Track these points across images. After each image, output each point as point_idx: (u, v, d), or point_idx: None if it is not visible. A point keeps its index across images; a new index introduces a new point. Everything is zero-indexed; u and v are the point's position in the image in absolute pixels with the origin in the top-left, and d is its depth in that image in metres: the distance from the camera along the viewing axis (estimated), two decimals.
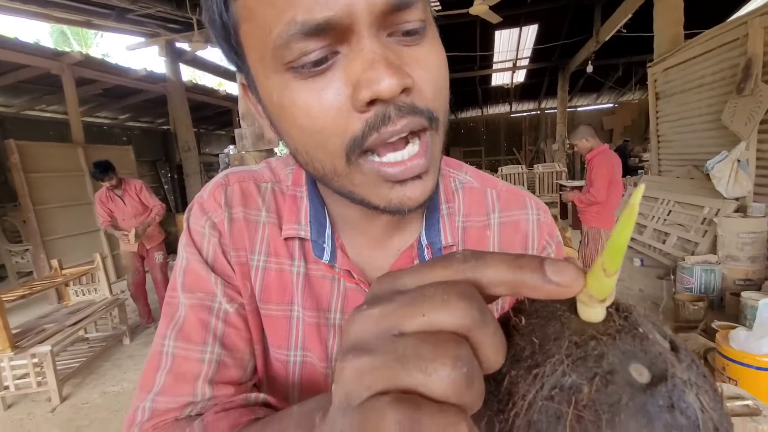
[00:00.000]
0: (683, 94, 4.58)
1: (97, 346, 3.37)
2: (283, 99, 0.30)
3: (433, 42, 0.31)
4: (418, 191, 0.31)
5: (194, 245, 0.42)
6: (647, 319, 0.18)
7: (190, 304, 0.40)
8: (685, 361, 0.17)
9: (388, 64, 0.27)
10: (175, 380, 0.38)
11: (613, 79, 10.94)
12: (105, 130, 8.76)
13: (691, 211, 4.28)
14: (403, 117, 0.29)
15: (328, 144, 0.30)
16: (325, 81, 0.29)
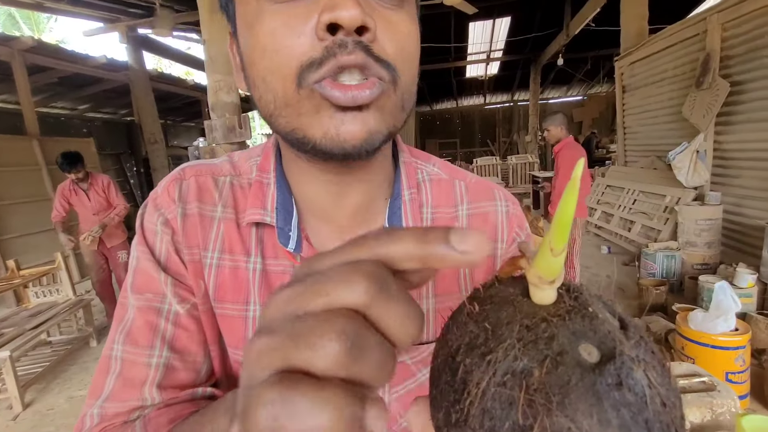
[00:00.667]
0: (647, 88, 4.76)
1: (61, 349, 3.22)
2: (254, 22, 0.31)
3: (408, 15, 0.33)
4: (357, 125, 0.31)
5: (146, 243, 0.41)
6: (598, 299, 0.18)
7: (138, 306, 0.39)
8: (634, 338, 0.17)
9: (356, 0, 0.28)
10: (123, 385, 0.37)
11: (583, 72, 11.24)
12: (63, 122, 8.25)
13: (654, 200, 4.49)
14: (360, 52, 0.29)
15: (284, 66, 0.30)
16: (295, 6, 0.30)
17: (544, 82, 12.36)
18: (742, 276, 2.65)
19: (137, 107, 7.15)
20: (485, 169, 10.58)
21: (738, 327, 2.09)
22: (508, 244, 0.46)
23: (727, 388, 1.58)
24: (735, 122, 3.43)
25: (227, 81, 2.54)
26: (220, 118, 2.46)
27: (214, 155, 2.66)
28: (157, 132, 7.06)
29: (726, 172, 3.60)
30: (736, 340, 2.00)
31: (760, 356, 2.25)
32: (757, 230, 3.04)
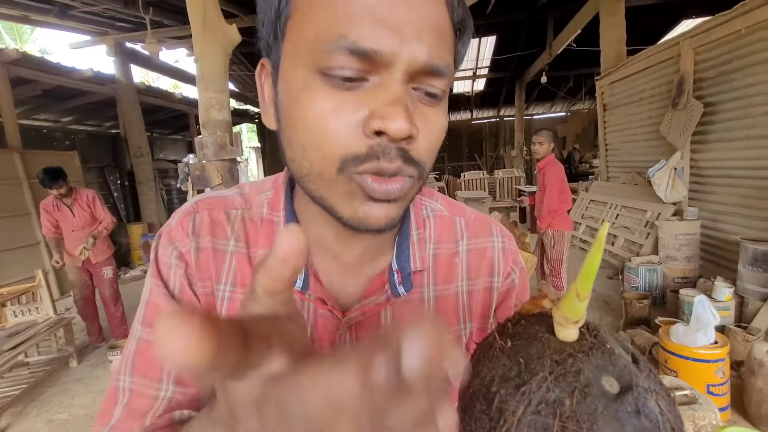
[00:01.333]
0: (627, 106, 4.95)
1: (39, 370, 3.10)
2: (301, 94, 0.32)
3: (443, 111, 0.35)
4: (383, 212, 0.33)
5: (160, 277, 0.42)
6: (612, 336, 0.21)
7: (147, 339, 0.40)
8: (645, 371, 0.20)
9: (406, 110, 0.30)
10: (128, 415, 0.38)
11: (565, 89, 11.61)
12: (45, 134, 8.09)
13: (635, 214, 4.63)
14: (399, 160, 0.32)
15: (328, 150, 0.32)
16: (348, 96, 0.31)
17: (528, 99, 12.70)
18: (720, 290, 2.74)
19: (124, 120, 7.08)
20: (473, 182, 10.73)
21: (717, 340, 2.16)
22: (503, 277, 0.48)
23: (708, 401, 1.63)
24: (709, 141, 3.59)
25: (219, 98, 2.56)
26: (211, 135, 2.47)
27: (204, 171, 2.66)
28: (144, 145, 6.99)
29: (702, 189, 3.75)
30: (716, 353, 2.06)
31: (739, 368, 2.32)
32: (733, 245, 3.16)
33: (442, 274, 0.45)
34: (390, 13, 0.29)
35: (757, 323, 2.61)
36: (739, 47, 3.15)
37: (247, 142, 16.98)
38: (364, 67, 0.30)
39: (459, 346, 0.16)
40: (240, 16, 5.89)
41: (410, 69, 0.31)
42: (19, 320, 3.17)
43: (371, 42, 0.29)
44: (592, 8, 5.78)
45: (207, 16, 2.55)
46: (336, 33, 0.29)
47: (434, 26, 0.31)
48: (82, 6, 5.31)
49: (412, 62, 0.30)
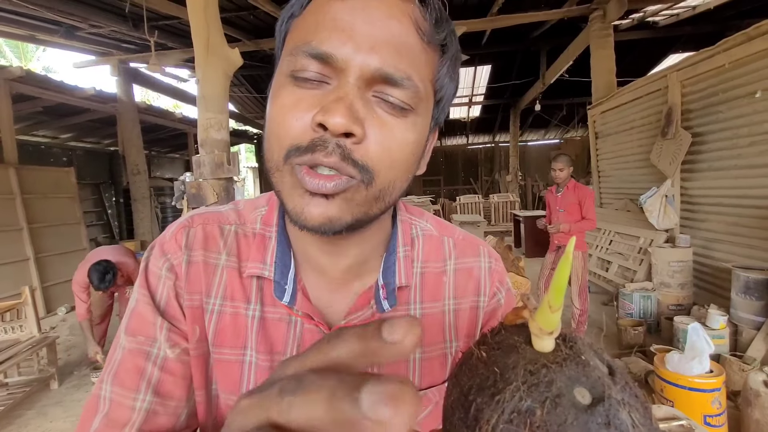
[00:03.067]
0: (618, 135, 5.07)
1: (18, 392, 2.98)
2: (276, 93, 0.36)
3: (412, 125, 0.36)
4: (319, 210, 0.34)
5: (147, 287, 0.42)
6: (590, 347, 0.21)
7: (129, 348, 0.40)
8: (620, 383, 0.20)
9: (347, 108, 0.32)
10: (107, 425, 0.38)
11: (558, 117, 11.90)
12: (42, 150, 8.11)
13: (628, 241, 4.66)
14: (336, 156, 0.33)
15: (281, 139, 0.34)
16: (308, 94, 0.34)
17: (523, 126, 12.98)
18: (714, 317, 2.74)
19: (123, 138, 7.12)
20: (468, 206, 10.81)
21: (713, 369, 2.14)
22: (489, 297, 0.49)
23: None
24: (699, 170, 3.67)
25: (219, 119, 2.60)
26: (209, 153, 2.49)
27: (200, 190, 2.66)
28: (141, 163, 7.02)
29: (694, 216, 3.80)
30: (711, 382, 2.03)
31: (736, 398, 2.29)
32: (725, 272, 3.17)
33: (429, 292, 0.46)
34: (350, 24, 0.33)
35: (752, 352, 2.59)
36: (723, 81, 3.28)
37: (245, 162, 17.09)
38: (323, 71, 0.34)
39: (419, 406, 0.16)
40: (243, 41, 6.06)
41: (363, 75, 0.33)
42: (1, 339, 3.08)
43: (328, 46, 0.33)
44: (583, 41, 6.01)
45: (210, 39, 2.63)
46: (304, 40, 0.34)
47: (393, 40, 0.33)
48: (89, 27, 5.44)
49: (364, 68, 0.33)
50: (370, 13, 0.33)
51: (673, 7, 6.13)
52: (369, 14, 0.33)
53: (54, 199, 5.68)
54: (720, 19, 6.40)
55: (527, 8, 5.76)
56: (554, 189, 3.61)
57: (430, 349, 0.45)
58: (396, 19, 0.34)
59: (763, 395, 1.96)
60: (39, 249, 5.15)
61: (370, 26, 0.33)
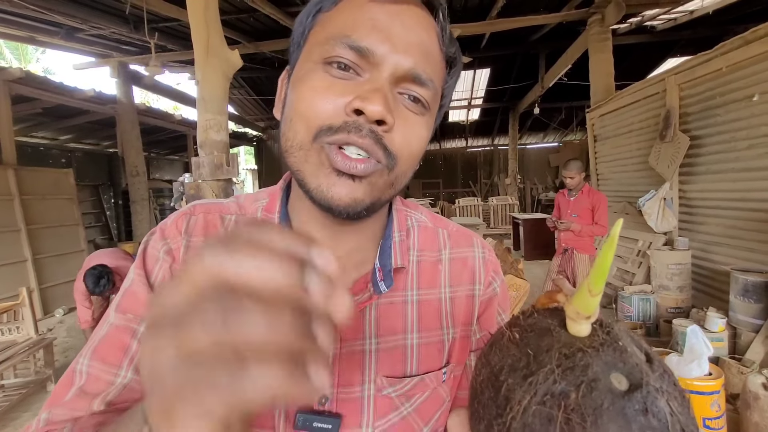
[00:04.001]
0: (617, 138, 5.08)
1: (14, 393, 2.97)
2: (304, 75, 0.38)
3: (426, 123, 0.40)
4: (344, 191, 0.36)
5: (144, 267, 0.43)
6: (627, 334, 0.21)
7: (117, 324, 0.40)
8: (658, 371, 0.20)
9: (384, 98, 0.35)
10: (78, 396, 0.38)
11: (557, 120, 11.94)
12: (41, 151, 8.11)
13: (627, 243, 4.66)
14: (370, 139, 0.36)
15: (309, 120, 0.36)
16: (340, 83, 0.37)
17: (522, 129, 13.02)
18: (713, 320, 2.74)
19: (122, 140, 7.12)
20: (467, 209, 10.81)
21: (712, 371, 2.14)
22: (485, 286, 0.50)
23: None
24: (697, 173, 3.68)
25: (218, 120, 2.60)
26: (208, 155, 2.49)
27: (199, 191, 2.66)
28: (140, 165, 7.01)
29: (692, 219, 3.81)
30: (710, 385, 2.03)
31: (735, 401, 2.28)
32: (724, 275, 3.18)
33: (425, 279, 0.47)
34: (388, 26, 0.36)
35: (750, 355, 2.59)
36: (720, 84, 3.29)
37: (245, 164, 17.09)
38: (359, 62, 0.36)
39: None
40: (243, 43, 6.07)
41: (396, 73, 0.36)
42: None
43: (367, 42, 0.36)
44: (581, 45, 6.04)
45: (210, 41, 2.63)
46: (342, 33, 0.36)
47: (423, 46, 0.38)
48: (89, 29, 5.45)
49: (398, 67, 0.36)
50: (405, 20, 0.37)
51: (671, 12, 6.17)
52: (404, 20, 0.37)
53: (52, 201, 5.66)
54: (718, 24, 6.44)
55: (526, 12, 5.79)
56: (566, 192, 3.60)
57: (427, 335, 0.45)
58: (425, 30, 0.38)
59: (762, 398, 1.96)
60: (37, 250, 5.13)
61: (406, 31, 0.37)
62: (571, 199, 3.52)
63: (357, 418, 0.41)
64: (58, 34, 5.56)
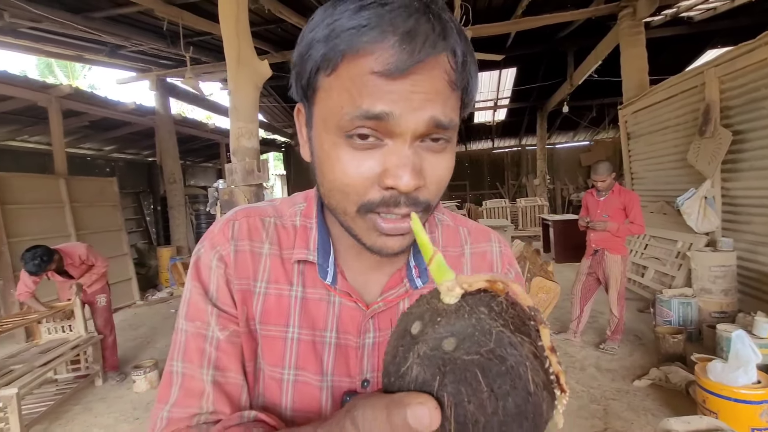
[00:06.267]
0: (652, 135, 4.88)
1: (66, 388, 3.19)
2: (330, 152, 0.40)
3: (451, 152, 0.42)
4: (397, 244, 0.42)
5: (199, 279, 0.48)
6: (486, 307, 0.25)
7: (190, 331, 0.47)
8: (505, 341, 0.24)
9: (413, 170, 0.37)
10: (185, 395, 0.45)
11: (588, 119, 11.56)
12: (88, 162, 8.67)
13: (666, 245, 4.46)
14: (407, 206, 0.39)
15: (350, 196, 0.40)
16: (367, 156, 0.38)
17: (551, 128, 12.70)
18: (761, 325, 2.58)
19: (160, 149, 7.51)
20: (494, 211, 10.65)
21: (760, 379, 2.02)
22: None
23: None
24: (741, 169, 3.48)
25: (249, 128, 2.71)
26: (240, 161, 2.60)
27: (232, 196, 2.78)
28: (177, 172, 7.36)
29: (737, 218, 3.60)
30: (759, 394, 1.92)
31: None
32: None
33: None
34: (396, 90, 0.36)
35: None
36: (765, 76, 3.11)
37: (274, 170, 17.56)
38: (377, 127, 0.37)
39: None
40: (271, 53, 6.28)
41: (417, 131, 0.37)
42: (51, 337, 3.30)
43: (381, 107, 0.36)
44: (612, 40, 5.85)
45: (241, 53, 2.75)
46: (355, 106, 0.36)
47: (436, 95, 0.37)
48: (131, 46, 5.80)
49: (417, 124, 0.37)
50: (417, 81, 0.36)
51: (709, 1, 5.87)
52: (416, 83, 0.36)
53: (98, 207, 6.05)
54: (760, 11, 6.06)
55: (552, 9, 5.67)
56: (595, 192, 3.49)
57: None
58: (436, 78, 0.37)
59: None
60: None
61: (416, 86, 0.36)
62: (601, 199, 3.40)
63: None
64: (103, 52, 5.96)
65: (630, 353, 3.38)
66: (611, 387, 2.87)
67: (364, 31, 0.35)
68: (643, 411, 2.54)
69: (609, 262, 3.32)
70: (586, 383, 2.95)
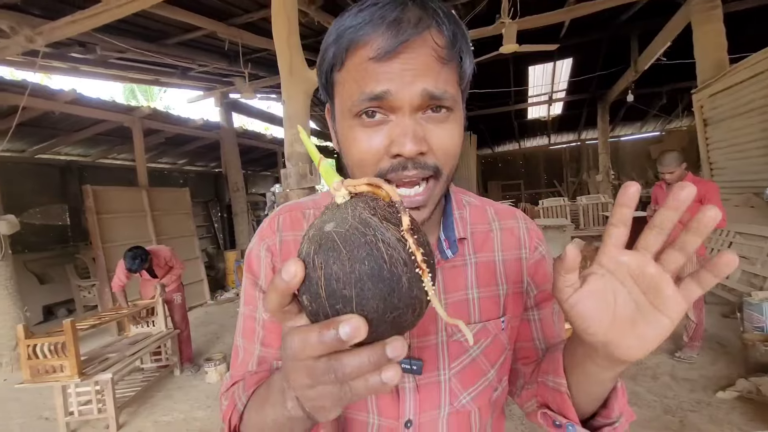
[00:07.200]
0: (733, 120, 4.37)
1: (151, 376, 3.57)
2: (348, 134, 0.47)
3: (454, 123, 0.47)
4: (414, 216, 0.45)
5: (250, 269, 0.57)
6: (364, 203, 0.30)
7: (245, 314, 0.57)
8: (376, 228, 0.29)
9: (414, 136, 0.43)
10: (241, 363, 0.56)
11: (658, 107, 10.58)
12: (165, 174, 9.62)
13: (754, 242, 3.96)
14: (415, 169, 0.44)
15: (365, 168, 0.46)
16: (376, 131, 0.45)
17: (614, 120, 11.81)
18: None
19: (225, 160, 8.14)
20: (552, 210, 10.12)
21: None
22: (531, 250, 0.60)
23: None
24: None
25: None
26: (294, 166, 2.76)
27: (288, 199, 2.95)
28: (240, 181, 7.92)
29: None
30: None
31: None
32: None
33: (480, 245, 0.58)
34: (390, 70, 0.42)
35: None
36: None
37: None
38: (381, 105, 0.43)
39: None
40: None
41: (413, 103, 0.43)
42: (138, 331, 3.71)
43: (380, 86, 0.42)
44: (682, 19, 5.33)
45: (293, 64, 2.92)
46: (360, 91, 0.43)
47: (426, 70, 0.43)
48: (198, 67, 6.38)
49: (413, 97, 0.43)
50: (406, 59, 0.42)
51: None
52: (405, 61, 0.42)
53: (174, 216, 6.70)
54: None
55: None
56: (664, 184, 3.21)
57: (485, 290, 0.55)
58: (423, 56, 0.42)
59: None
60: None
61: (409, 67, 0.42)
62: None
63: (435, 361, 0.52)
64: (175, 74, 6.60)
65: (712, 362, 3.05)
66: (689, 398, 2.61)
67: (360, 26, 0.42)
68: (728, 425, 2.29)
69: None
70: (659, 393, 2.71)
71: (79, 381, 2.71)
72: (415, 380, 0.51)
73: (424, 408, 0.51)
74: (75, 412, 2.84)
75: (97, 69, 5.79)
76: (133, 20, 4.40)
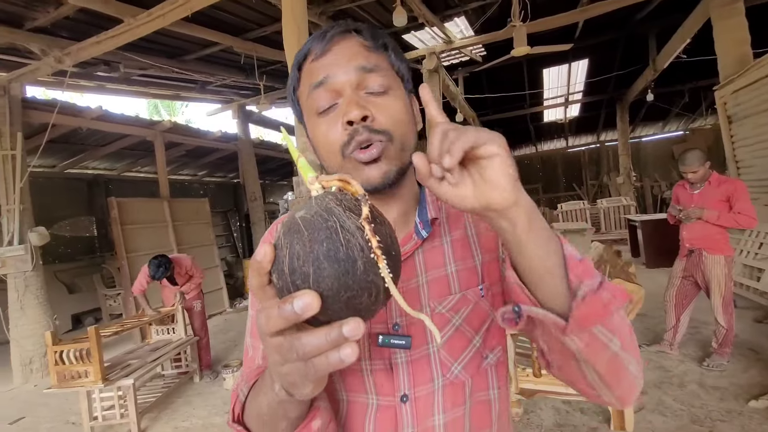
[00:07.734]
0: (759, 116, 4.20)
1: (171, 382, 3.64)
2: (315, 129, 0.55)
3: (395, 97, 0.54)
4: (375, 172, 0.52)
5: None
6: (333, 196, 0.33)
7: (253, 315, 0.61)
8: (340, 218, 0.32)
9: (355, 103, 0.50)
10: (249, 363, 0.59)
11: (680, 105, 10.28)
12: (186, 186, 9.91)
13: None
14: (367, 133, 0.51)
15: (332, 149, 0.53)
16: (332, 118, 0.52)
17: (634, 120, 11.53)
18: None
19: (242, 171, 8.32)
20: (571, 214, 9.91)
21: None
22: None
23: None
24: None
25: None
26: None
27: None
28: (257, 191, 8.08)
29: None
30: None
31: None
32: None
33: (454, 224, 0.62)
34: (326, 62, 0.53)
35: None
36: None
37: None
38: (329, 93, 0.52)
39: None
40: None
41: (351, 82, 0.52)
42: (159, 338, 3.80)
43: (322, 76, 0.52)
44: (701, 15, 5.20)
45: None
46: (308, 86, 0.54)
47: (355, 54, 0.53)
48: (216, 81, 6.58)
49: (349, 75, 0.52)
50: (336, 51, 0.53)
51: None
52: (336, 52, 0.53)
53: (194, 225, 6.87)
54: None
55: None
56: (687, 184, 3.07)
57: (462, 263, 0.59)
58: (350, 47, 0.53)
59: None
60: None
61: (339, 52, 0.53)
62: (695, 193, 2.98)
63: (423, 336, 0.55)
64: (195, 89, 6.83)
65: (744, 369, 2.90)
66: (719, 407, 2.49)
67: (307, 45, 0.56)
68: None
69: (709, 264, 2.89)
70: (686, 401, 2.59)
71: (102, 386, 2.79)
72: (407, 355, 0.54)
73: (418, 382, 0.54)
74: (99, 417, 2.92)
75: (121, 86, 6.05)
76: (153, 38, 4.59)
